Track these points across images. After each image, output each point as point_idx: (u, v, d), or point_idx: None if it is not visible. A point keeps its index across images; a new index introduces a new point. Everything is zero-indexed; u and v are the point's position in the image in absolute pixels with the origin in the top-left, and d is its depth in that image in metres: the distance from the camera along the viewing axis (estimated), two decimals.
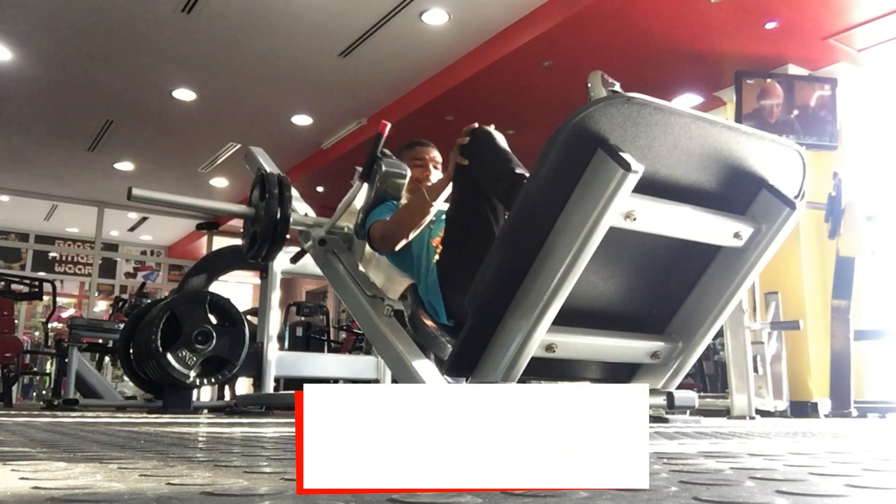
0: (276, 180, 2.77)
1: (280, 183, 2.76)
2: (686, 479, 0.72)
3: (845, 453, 1.20)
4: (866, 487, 0.67)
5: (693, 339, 1.73)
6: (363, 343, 6.14)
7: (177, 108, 6.89)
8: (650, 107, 1.40)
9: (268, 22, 5.29)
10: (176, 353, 3.56)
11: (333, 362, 4.79)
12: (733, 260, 1.65)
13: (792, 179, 1.65)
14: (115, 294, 10.94)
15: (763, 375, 4.58)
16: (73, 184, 9.37)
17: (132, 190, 2.69)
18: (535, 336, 1.48)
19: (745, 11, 4.75)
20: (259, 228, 2.75)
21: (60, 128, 7.45)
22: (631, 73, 5.39)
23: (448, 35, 5.42)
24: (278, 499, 0.59)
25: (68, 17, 5.24)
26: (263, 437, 1.62)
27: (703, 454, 1.12)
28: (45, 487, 0.62)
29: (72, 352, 5.03)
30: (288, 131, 7.32)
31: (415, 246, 2.44)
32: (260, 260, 2.83)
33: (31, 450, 1.13)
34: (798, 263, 5.15)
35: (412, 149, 2.78)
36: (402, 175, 2.63)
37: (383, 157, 2.64)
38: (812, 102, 5.27)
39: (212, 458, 1.00)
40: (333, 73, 6.07)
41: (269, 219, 2.72)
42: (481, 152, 2.06)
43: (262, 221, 2.74)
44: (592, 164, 1.40)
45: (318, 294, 12.00)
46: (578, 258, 1.41)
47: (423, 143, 2.79)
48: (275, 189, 2.73)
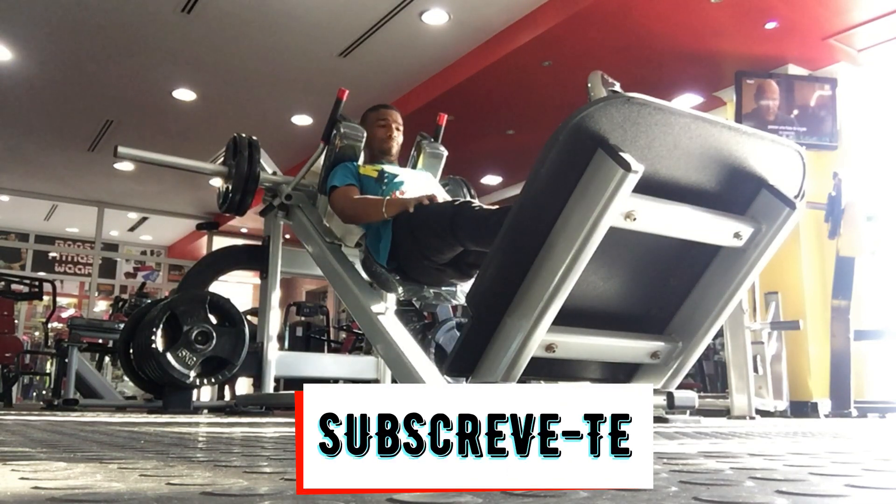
0: (247, 142, 3.13)
1: (250, 144, 3.12)
2: (686, 479, 0.72)
3: (845, 453, 1.20)
4: (866, 487, 0.67)
5: (693, 339, 1.72)
6: (363, 343, 6.14)
7: (177, 108, 6.88)
8: (650, 107, 1.40)
9: (268, 22, 5.29)
10: (176, 353, 3.56)
11: (333, 362, 4.79)
12: (733, 260, 1.65)
13: (792, 179, 1.65)
14: (115, 294, 10.93)
15: (763, 375, 4.58)
16: (73, 184, 9.36)
17: (118, 148, 3.00)
18: (535, 336, 1.48)
19: (745, 11, 4.74)
20: (231, 184, 3.11)
21: (60, 128, 7.45)
22: (631, 73, 5.38)
23: (448, 35, 5.42)
24: (278, 499, 0.59)
25: (68, 17, 5.24)
26: (263, 437, 1.62)
27: (703, 454, 1.12)
28: (45, 487, 0.62)
29: (72, 352, 5.03)
30: (288, 131, 7.31)
31: None
32: (234, 212, 3.20)
33: (31, 450, 1.13)
34: (798, 263, 5.15)
35: (376, 111, 3.08)
36: (358, 138, 2.94)
37: (342, 121, 2.97)
38: (812, 102, 5.27)
39: (212, 458, 1.00)
40: (333, 73, 6.06)
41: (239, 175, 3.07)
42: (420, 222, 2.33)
43: (234, 178, 3.09)
44: (592, 164, 1.40)
45: (318, 294, 12.00)
46: (578, 258, 1.41)
47: (386, 106, 3.11)
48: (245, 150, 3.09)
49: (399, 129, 3.03)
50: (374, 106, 3.11)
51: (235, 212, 3.18)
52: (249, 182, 3.06)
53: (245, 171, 3.07)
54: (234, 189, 3.06)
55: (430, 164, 3.16)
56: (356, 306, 2.66)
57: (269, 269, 3.62)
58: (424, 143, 3.18)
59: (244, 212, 3.21)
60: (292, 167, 8.02)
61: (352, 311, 2.77)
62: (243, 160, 3.06)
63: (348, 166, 2.84)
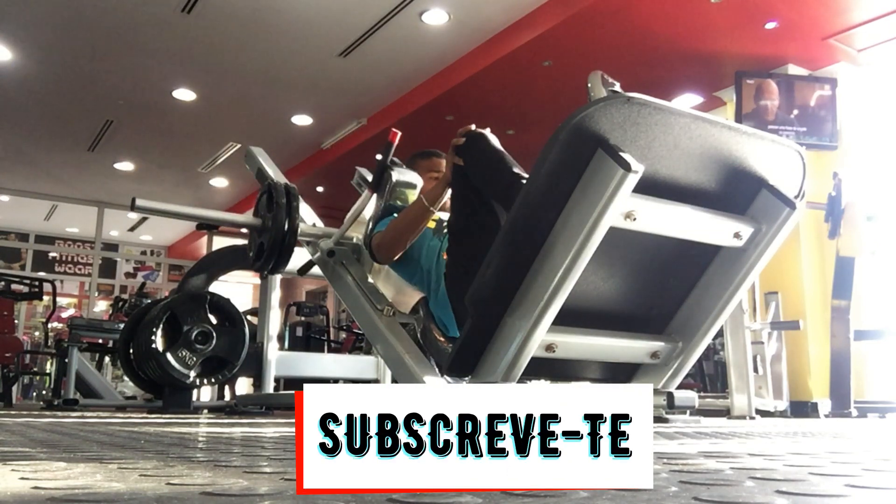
0: (284, 190, 2.68)
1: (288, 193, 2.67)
2: (686, 479, 0.72)
3: (845, 453, 1.20)
4: (866, 487, 0.67)
5: (693, 339, 1.72)
6: (363, 343, 6.14)
7: (177, 108, 6.88)
8: (650, 107, 1.40)
9: (268, 22, 5.29)
10: (176, 353, 3.56)
11: (333, 362, 4.79)
12: (733, 260, 1.65)
13: (792, 179, 1.65)
14: (115, 294, 10.93)
15: (763, 375, 4.58)
16: (73, 184, 9.36)
17: (135, 201, 2.59)
18: (535, 336, 1.48)
19: (745, 11, 4.75)
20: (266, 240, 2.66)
21: (60, 128, 7.45)
22: (631, 73, 5.38)
23: (448, 35, 5.42)
24: (278, 499, 0.59)
25: (68, 16, 5.24)
26: (263, 437, 1.62)
27: (703, 454, 1.12)
28: (45, 487, 0.62)
29: (72, 352, 5.03)
30: (288, 131, 7.32)
31: (424, 259, 2.35)
32: (267, 273, 2.75)
33: (31, 450, 1.13)
34: (798, 263, 5.15)
35: (428, 159, 2.66)
36: (412, 185, 2.56)
37: (393, 167, 2.57)
38: (812, 102, 5.27)
39: (212, 458, 1.00)
40: (333, 73, 6.07)
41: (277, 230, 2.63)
42: (477, 152, 2.01)
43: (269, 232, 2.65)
44: (592, 164, 1.40)
45: (318, 294, 12.00)
46: (578, 258, 1.41)
47: (438, 154, 2.65)
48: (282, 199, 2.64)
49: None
50: (423, 152, 2.70)
51: (272, 272, 2.77)
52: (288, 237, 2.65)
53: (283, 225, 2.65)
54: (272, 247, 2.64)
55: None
56: (356, 306, 2.63)
57: None
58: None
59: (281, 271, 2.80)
60: (292, 167, 8.05)
61: (352, 311, 2.73)
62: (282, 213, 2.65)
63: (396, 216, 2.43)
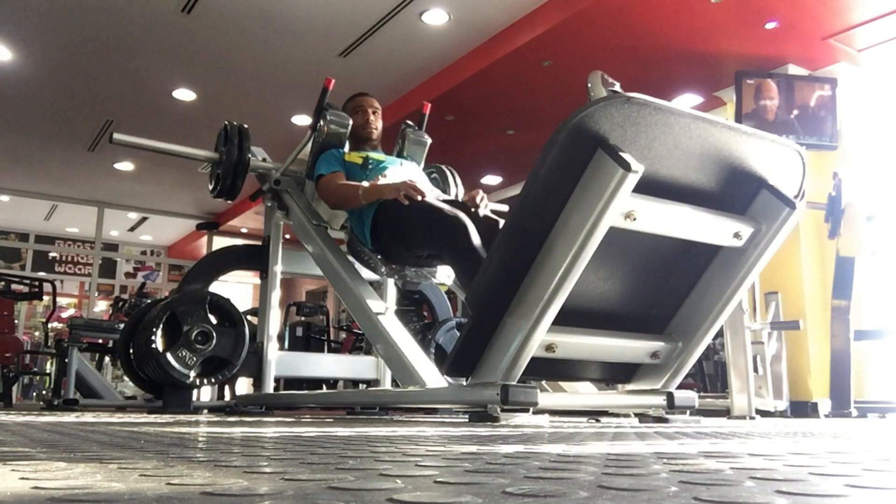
0: (237, 130, 3.25)
1: (240, 132, 3.24)
2: (686, 479, 0.72)
3: (845, 453, 1.20)
4: (866, 487, 0.67)
5: (693, 339, 1.73)
6: (363, 343, 6.14)
7: (177, 108, 6.89)
8: (650, 107, 1.40)
9: (268, 22, 5.29)
10: (176, 353, 3.56)
11: (333, 362, 4.79)
12: (733, 260, 1.66)
13: (792, 179, 1.66)
14: (115, 294, 10.93)
15: (763, 375, 4.58)
16: (73, 184, 9.36)
17: (113, 135, 3.13)
18: (535, 336, 1.48)
19: (745, 11, 4.75)
20: (222, 170, 3.22)
21: (60, 128, 7.45)
22: (631, 73, 5.38)
23: (448, 35, 5.42)
24: (278, 499, 0.59)
25: (68, 17, 5.24)
26: (263, 437, 1.62)
27: (703, 454, 1.12)
28: (45, 487, 0.62)
29: (72, 352, 5.03)
30: (288, 131, 7.31)
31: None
32: (226, 196, 3.33)
33: (31, 450, 1.13)
34: (798, 263, 5.15)
35: (352, 100, 3.25)
36: (344, 125, 3.05)
37: (328, 109, 3.07)
38: (812, 102, 5.27)
39: (212, 458, 1.00)
40: (333, 73, 6.05)
41: (230, 161, 3.17)
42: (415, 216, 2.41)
43: (224, 164, 3.20)
44: (592, 164, 1.40)
45: (318, 294, 12.00)
46: (578, 258, 1.41)
47: (363, 94, 3.28)
48: (235, 138, 3.21)
49: (376, 113, 3.17)
50: (351, 95, 3.27)
51: (227, 196, 3.31)
52: (239, 168, 3.18)
53: (235, 158, 3.18)
54: (225, 174, 3.18)
55: (415, 151, 3.30)
56: (356, 306, 2.66)
57: (269, 269, 3.63)
58: (409, 130, 3.32)
59: (235, 196, 3.34)
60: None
61: (352, 311, 2.77)
62: (233, 147, 3.19)
63: (334, 153, 2.96)
